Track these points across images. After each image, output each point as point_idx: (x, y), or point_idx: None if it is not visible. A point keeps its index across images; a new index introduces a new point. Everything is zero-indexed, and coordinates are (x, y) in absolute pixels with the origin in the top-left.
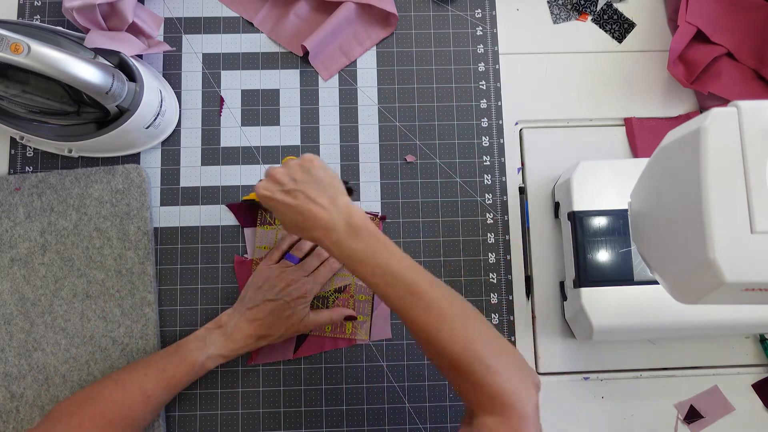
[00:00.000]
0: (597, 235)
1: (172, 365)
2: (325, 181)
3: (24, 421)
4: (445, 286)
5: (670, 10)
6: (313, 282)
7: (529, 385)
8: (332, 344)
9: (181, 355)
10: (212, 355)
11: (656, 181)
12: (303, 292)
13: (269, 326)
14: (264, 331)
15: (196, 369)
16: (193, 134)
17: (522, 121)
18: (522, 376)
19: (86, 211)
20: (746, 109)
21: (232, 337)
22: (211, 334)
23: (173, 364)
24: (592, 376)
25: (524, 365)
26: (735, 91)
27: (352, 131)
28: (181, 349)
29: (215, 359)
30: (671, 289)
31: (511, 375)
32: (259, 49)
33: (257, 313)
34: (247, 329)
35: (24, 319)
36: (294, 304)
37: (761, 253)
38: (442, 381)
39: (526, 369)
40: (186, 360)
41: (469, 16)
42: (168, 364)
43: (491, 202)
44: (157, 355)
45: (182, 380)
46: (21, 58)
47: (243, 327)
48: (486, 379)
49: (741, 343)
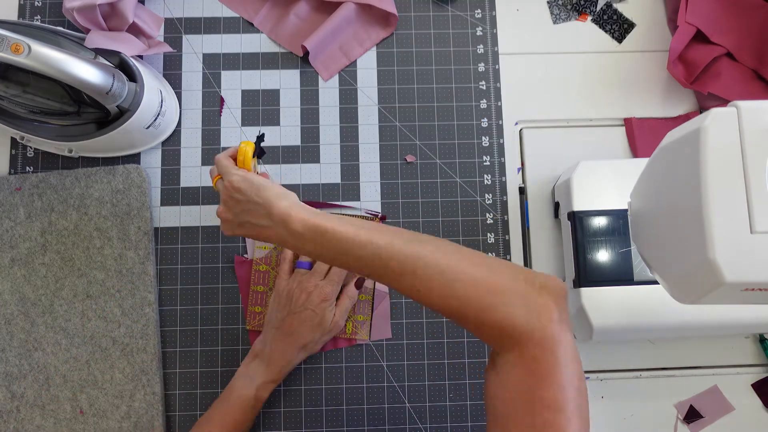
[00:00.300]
0: (597, 235)
1: (230, 411)
2: (253, 200)
3: (24, 420)
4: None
5: (669, 10)
6: (332, 284)
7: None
8: (332, 344)
9: (234, 398)
10: (260, 385)
11: (656, 181)
12: (324, 296)
13: (303, 337)
14: (301, 342)
15: (252, 404)
16: (194, 134)
17: (522, 121)
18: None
19: (87, 211)
20: (746, 109)
21: (272, 361)
22: (252, 366)
23: (231, 409)
24: (592, 376)
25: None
26: (735, 91)
27: (352, 131)
28: (232, 393)
29: (266, 387)
30: (671, 289)
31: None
32: (259, 50)
33: (288, 328)
34: (284, 348)
35: (24, 319)
36: (319, 310)
37: (761, 253)
38: (442, 381)
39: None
40: (240, 400)
41: (469, 16)
42: (226, 411)
43: (491, 202)
44: (214, 407)
45: (245, 419)
46: (21, 58)
47: (279, 347)
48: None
49: (741, 343)
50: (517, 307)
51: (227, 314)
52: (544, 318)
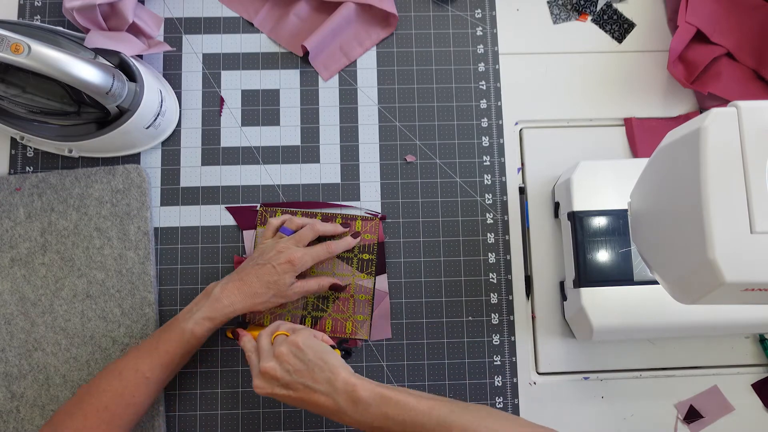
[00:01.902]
0: (597, 235)
1: (163, 340)
2: (318, 364)
3: (24, 420)
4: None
5: (669, 10)
6: (304, 252)
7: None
8: None
9: (171, 328)
10: (199, 320)
11: (656, 181)
12: (290, 258)
13: (253, 287)
14: (248, 290)
15: (186, 337)
16: (193, 134)
17: (522, 121)
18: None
19: (86, 211)
20: (746, 109)
21: (218, 299)
22: (198, 301)
23: (164, 339)
24: (592, 376)
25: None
26: (735, 91)
27: (352, 131)
28: (171, 323)
29: (202, 324)
30: (671, 289)
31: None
32: (259, 49)
33: (244, 274)
34: (231, 289)
35: (24, 319)
36: (280, 269)
37: (761, 253)
38: (442, 381)
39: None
40: (175, 330)
41: (469, 16)
42: (159, 340)
43: (491, 202)
44: (150, 336)
45: (176, 353)
46: (21, 58)
47: (228, 288)
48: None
49: (741, 343)
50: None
51: None
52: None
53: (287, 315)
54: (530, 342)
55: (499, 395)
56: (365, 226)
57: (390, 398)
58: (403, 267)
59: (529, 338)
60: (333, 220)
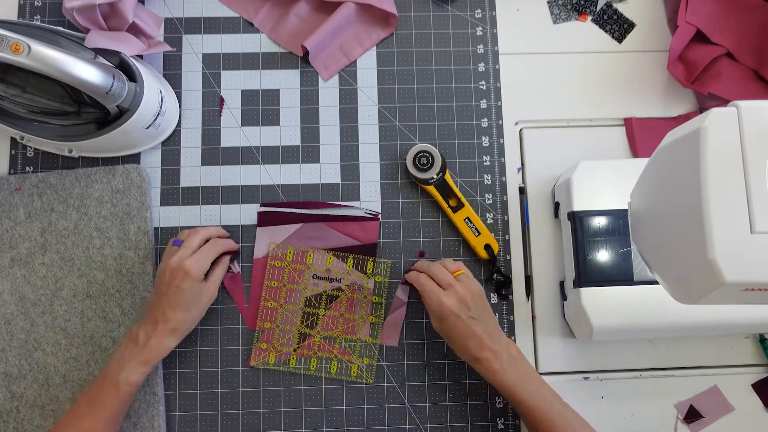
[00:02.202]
0: (597, 235)
1: (99, 398)
2: (492, 318)
3: (24, 420)
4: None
5: (669, 10)
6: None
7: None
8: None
9: (104, 383)
10: (133, 367)
11: (656, 182)
12: (185, 269)
13: (175, 317)
14: (171, 323)
15: (123, 389)
16: (193, 134)
17: (522, 121)
18: None
19: (86, 211)
20: (746, 109)
21: (146, 344)
22: (126, 349)
23: (100, 396)
24: (592, 376)
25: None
26: (735, 91)
27: (352, 131)
28: (103, 378)
29: (137, 370)
30: (671, 289)
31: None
32: (259, 49)
33: (158, 313)
34: (153, 331)
35: (24, 319)
36: (184, 285)
37: (761, 253)
38: (442, 381)
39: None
40: (110, 385)
41: (469, 16)
42: (96, 398)
43: (491, 202)
44: (83, 394)
45: (113, 406)
46: (21, 58)
47: (148, 330)
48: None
49: (741, 343)
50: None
51: (227, 314)
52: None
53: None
54: (530, 342)
55: (499, 395)
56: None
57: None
58: (403, 267)
59: (529, 338)
60: (345, 261)
